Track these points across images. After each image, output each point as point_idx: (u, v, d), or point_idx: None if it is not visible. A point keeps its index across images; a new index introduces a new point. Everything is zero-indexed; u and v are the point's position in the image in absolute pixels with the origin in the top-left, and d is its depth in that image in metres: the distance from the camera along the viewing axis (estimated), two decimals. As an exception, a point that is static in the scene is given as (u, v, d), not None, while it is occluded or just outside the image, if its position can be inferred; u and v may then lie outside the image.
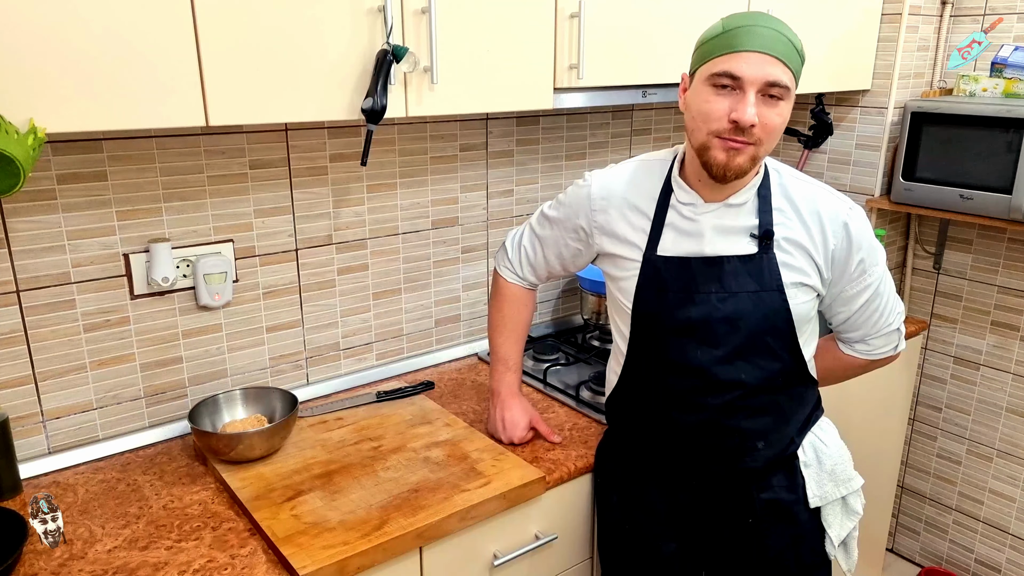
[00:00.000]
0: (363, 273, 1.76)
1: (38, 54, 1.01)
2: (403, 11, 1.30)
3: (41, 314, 1.37)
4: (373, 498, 1.30)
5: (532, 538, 1.41)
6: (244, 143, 1.52)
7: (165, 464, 1.44)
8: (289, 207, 1.61)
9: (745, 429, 1.27)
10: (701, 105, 1.16)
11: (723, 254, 1.24)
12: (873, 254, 1.28)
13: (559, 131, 2.02)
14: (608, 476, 1.42)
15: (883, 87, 2.20)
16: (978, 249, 2.27)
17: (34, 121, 1.01)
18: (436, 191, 1.82)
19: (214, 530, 1.24)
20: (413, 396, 1.70)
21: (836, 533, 1.33)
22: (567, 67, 1.53)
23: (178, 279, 1.48)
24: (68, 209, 1.36)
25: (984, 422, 2.35)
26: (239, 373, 1.62)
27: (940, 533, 2.53)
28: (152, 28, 1.08)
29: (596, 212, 1.34)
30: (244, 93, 1.18)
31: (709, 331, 1.23)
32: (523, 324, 1.53)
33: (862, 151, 2.27)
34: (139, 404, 1.51)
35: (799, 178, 1.29)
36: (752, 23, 1.12)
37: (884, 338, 1.37)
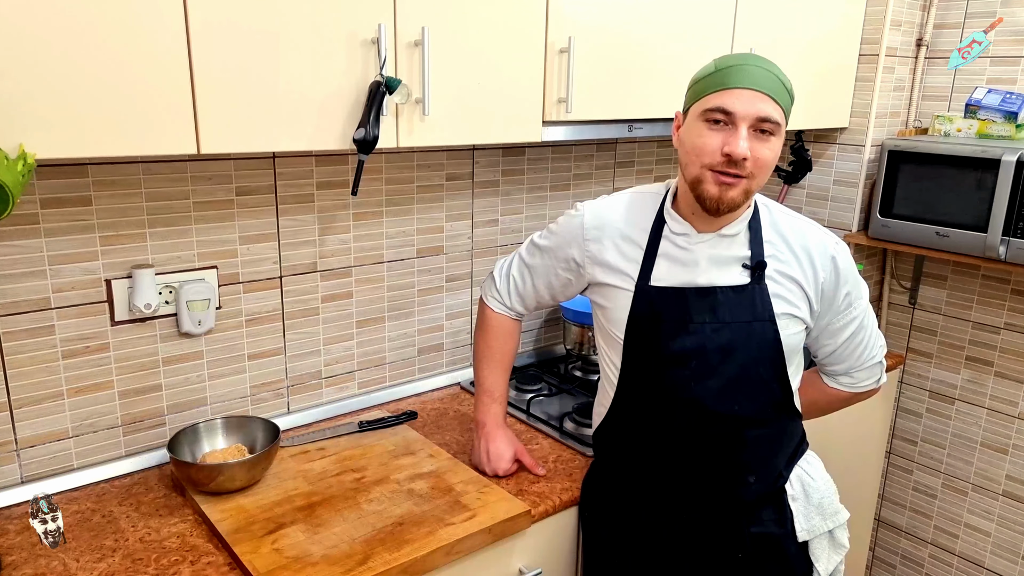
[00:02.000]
0: (347, 301, 1.74)
1: (30, 80, 0.99)
2: (396, 43, 1.31)
3: (19, 340, 1.34)
4: (356, 531, 1.28)
5: (516, 573, 1.39)
6: (231, 169, 1.51)
7: (142, 495, 1.40)
8: (275, 234, 1.60)
9: (737, 462, 1.27)
10: (695, 140, 1.18)
11: (716, 284, 1.25)
12: (858, 287, 1.31)
13: (544, 162, 2.03)
14: (596, 510, 1.41)
15: (860, 125, 2.25)
16: (953, 285, 2.32)
17: (24, 147, 0.99)
18: (422, 220, 1.82)
19: (192, 564, 1.21)
20: (396, 426, 1.68)
21: (824, 567, 1.33)
22: (556, 101, 1.55)
23: (160, 305, 1.46)
24: (51, 234, 1.34)
25: (959, 456, 2.38)
26: (219, 401, 1.60)
27: (916, 567, 2.54)
28: (146, 56, 1.07)
29: (589, 241, 1.34)
30: (237, 122, 1.17)
31: (703, 362, 1.24)
32: (509, 355, 1.53)
33: (840, 187, 2.32)
34: (116, 432, 1.48)
35: (788, 214, 1.31)
36: (744, 62, 1.16)
37: (867, 371, 1.40)
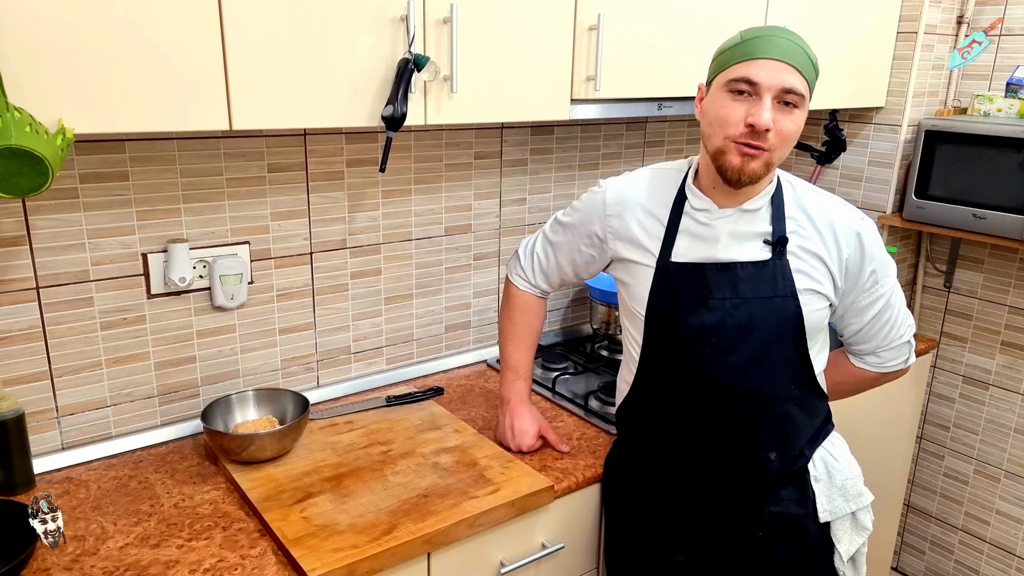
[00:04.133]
0: (376, 278, 1.77)
1: (69, 57, 1.02)
2: (425, 21, 1.31)
3: (59, 311, 1.39)
4: (382, 502, 1.30)
5: (539, 547, 1.41)
6: (263, 147, 1.53)
7: (176, 463, 1.45)
8: (305, 210, 1.62)
9: (758, 438, 1.27)
10: (718, 111, 1.18)
11: (737, 260, 1.25)
12: (885, 265, 1.30)
13: (573, 141, 2.03)
14: (618, 486, 1.42)
15: (897, 105, 2.20)
16: (989, 268, 2.27)
17: (63, 122, 1.02)
18: (450, 198, 1.84)
19: (224, 530, 1.25)
20: (422, 401, 1.70)
21: (845, 548, 1.33)
22: (584, 79, 1.55)
23: (194, 279, 1.50)
24: (89, 208, 1.38)
25: (992, 442, 2.35)
26: (251, 374, 1.63)
27: (946, 553, 2.52)
28: (180, 33, 1.09)
29: (611, 217, 1.35)
30: (268, 98, 1.19)
31: (723, 337, 1.24)
32: (534, 332, 1.54)
33: (874, 168, 2.27)
34: (152, 402, 1.52)
35: (812, 190, 1.30)
36: (769, 33, 1.16)
37: (895, 350, 1.38)
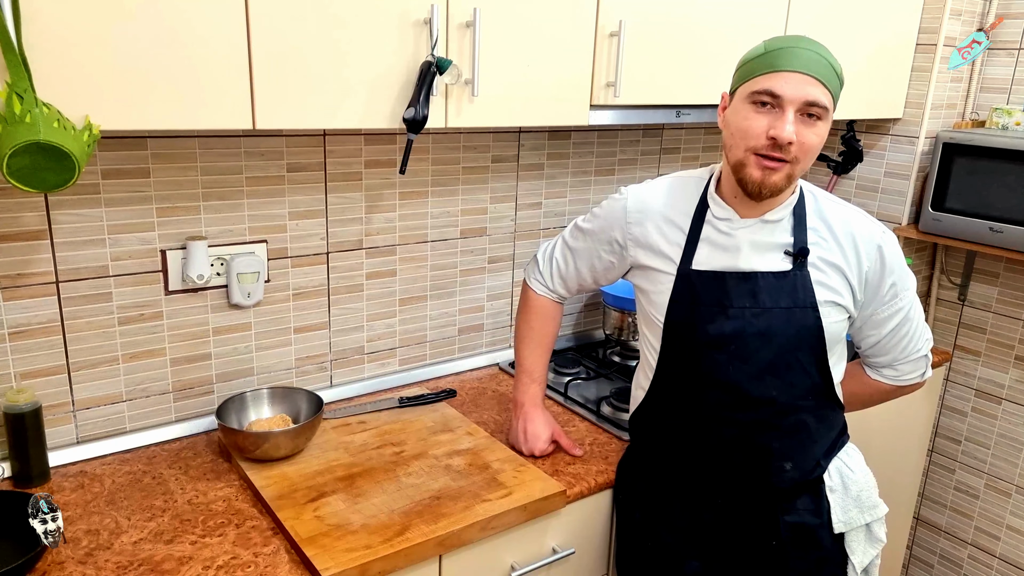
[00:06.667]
0: (391, 279, 1.77)
1: (97, 55, 1.03)
2: (448, 24, 1.32)
3: (78, 305, 1.40)
4: (395, 503, 1.31)
5: (549, 552, 1.41)
6: (283, 146, 1.54)
7: (190, 459, 1.45)
8: (323, 211, 1.63)
9: (774, 448, 1.27)
10: (740, 122, 1.17)
11: (757, 270, 1.24)
12: (904, 279, 1.29)
13: (590, 147, 2.03)
14: (631, 492, 1.42)
15: (915, 116, 2.20)
16: (1005, 282, 2.26)
17: (90, 118, 1.03)
18: (466, 201, 1.84)
19: (238, 527, 1.25)
20: (435, 403, 1.71)
21: (859, 560, 1.32)
22: (604, 84, 1.55)
23: (212, 277, 1.51)
24: (110, 204, 1.38)
25: (1004, 457, 2.33)
26: (265, 372, 1.64)
27: (955, 567, 2.50)
28: (208, 34, 1.10)
29: (631, 224, 1.35)
30: (291, 99, 1.20)
31: (742, 346, 1.24)
32: (550, 337, 1.54)
33: (891, 179, 2.27)
34: (167, 398, 1.53)
35: (834, 201, 1.30)
36: (794, 45, 1.15)
37: (912, 364, 1.37)
